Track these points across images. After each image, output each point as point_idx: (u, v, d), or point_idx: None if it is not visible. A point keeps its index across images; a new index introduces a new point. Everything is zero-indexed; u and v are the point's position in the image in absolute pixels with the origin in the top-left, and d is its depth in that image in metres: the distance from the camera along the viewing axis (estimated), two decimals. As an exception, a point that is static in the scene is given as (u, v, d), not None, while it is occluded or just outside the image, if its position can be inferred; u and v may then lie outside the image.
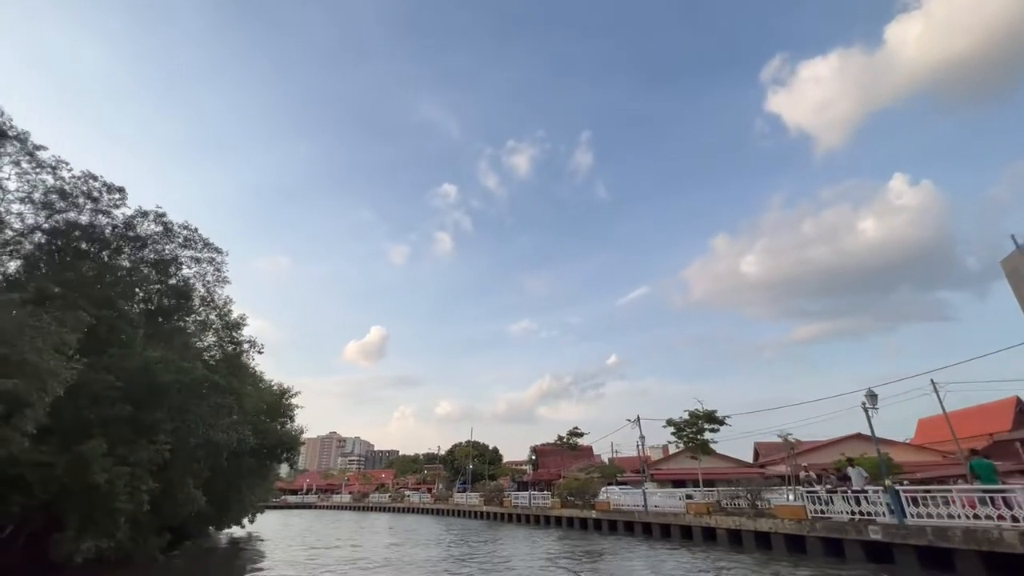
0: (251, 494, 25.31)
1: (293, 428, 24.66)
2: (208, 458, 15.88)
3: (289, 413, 24.21)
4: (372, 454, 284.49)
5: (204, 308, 23.92)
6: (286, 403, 24.47)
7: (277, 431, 22.87)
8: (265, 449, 22.14)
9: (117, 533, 12.95)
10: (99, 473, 11.80)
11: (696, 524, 23.93)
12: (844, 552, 16.99)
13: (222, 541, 27.96)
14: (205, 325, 26.77)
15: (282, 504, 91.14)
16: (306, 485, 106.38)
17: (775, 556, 19.07)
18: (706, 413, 26.64)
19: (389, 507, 70.74)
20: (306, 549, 24.25)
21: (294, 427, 24.79)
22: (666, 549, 22.16)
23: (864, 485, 17.51)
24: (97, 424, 12.66)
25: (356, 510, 75.57)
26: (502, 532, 33.69)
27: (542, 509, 37.90)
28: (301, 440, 24.47)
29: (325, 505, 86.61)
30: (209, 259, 20.16)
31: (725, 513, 23.10)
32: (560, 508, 35.92)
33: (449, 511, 55.75)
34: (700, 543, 23.30)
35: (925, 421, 61.46)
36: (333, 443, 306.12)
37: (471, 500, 52.21)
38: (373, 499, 78.07)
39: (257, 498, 32.04)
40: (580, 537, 29.39)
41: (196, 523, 22.14)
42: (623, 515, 29.63)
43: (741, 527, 21.27)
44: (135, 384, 13.60)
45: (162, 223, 19.65)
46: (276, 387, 26.18)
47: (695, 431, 26.82)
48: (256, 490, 27.08)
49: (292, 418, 24.57)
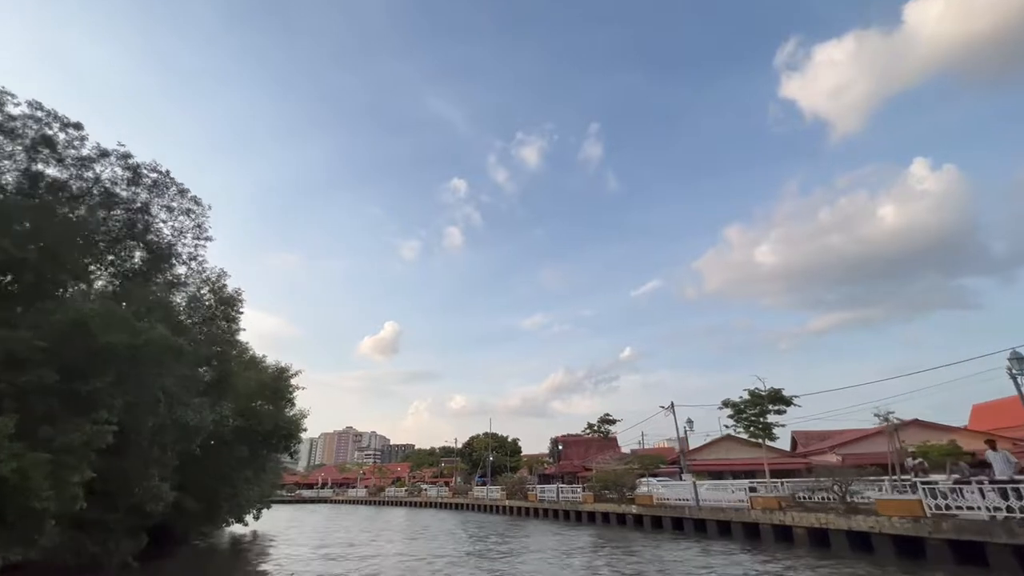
0: (249, 488, 22.24)
1: (295, 413, 21.42)
2: (178, 443, 12.68)
3: (288, 396, 20.91)
4: (388, 448, 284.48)
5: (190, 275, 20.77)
6: (285, 384, 21.17)
7: (273, 415, 19.57)
8: (260, 436, 18.94)
9: (40, 539, 9.75)
10: (4, 462, 8.56)
11: (765, 521, 20.15)
12: (987, 559, 13.14)
13: (222, 542, 24.99)
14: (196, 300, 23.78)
15: (297, 499, 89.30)
16: (321, 479, 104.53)
17: (880, 561, 15.27)
18: (771, 393, 22.68)
19: (405, 501, 67.96)
20: (312, 550, 21.12)
21: (295, 411, 21.57)
22: (733, 551, 18.47)
23: (1015, 473, 13.52)
24: (9, 396, 9.46)
25: (372, 504, 73.04)
26: (528, 529, 30.25)
27: (572, 503, 34.36)
28: (302, 426, 21.41)
29: (340, 499, 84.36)
30: (186, 210, 16.82)
31: (804, 509, 19.26)
32: (593, 502, 32.34)
33: (468, 505, 52.57)
34: (771, 544, 19.55)
35: (981, 407, 56.61)
36: (350, 437, 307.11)
37: (492, 494, 48.92)
38: (389, 493, 75.44)
39: (261, 493, 29.05)
40: (619, 536, 25.80)
41: (185, 523, 19.03)
42: (669, 510, 25.94)
43: (829, 525, 17.44)
44: (68, 346, 10.38)
45: (128, 166, 16.31)
46: (273, 367, 22.98)
47: (757, 413, 22.92)
48: (255, 483, 24.02)
49: (291, 401, 21.29)
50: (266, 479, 29.21)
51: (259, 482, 27.39)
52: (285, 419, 19.36)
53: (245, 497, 22.33)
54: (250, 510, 32.00)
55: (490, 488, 50.73)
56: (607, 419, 39.75)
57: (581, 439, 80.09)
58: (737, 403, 23.78)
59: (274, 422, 19.03)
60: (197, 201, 17.28)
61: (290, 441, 20.08)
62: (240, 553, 22.14)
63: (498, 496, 47.09)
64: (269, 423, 18.87)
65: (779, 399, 22.48)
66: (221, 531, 28.98)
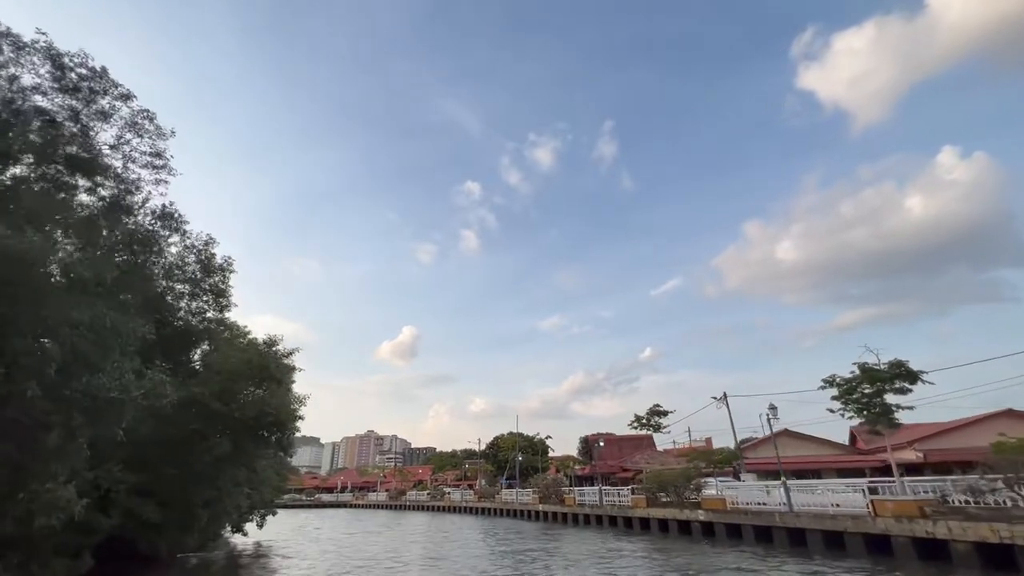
0: (238, 491, 18.24)
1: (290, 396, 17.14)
2: (94, 426, 8.63)
3: (277, 375, 16.62)
4: (409, 451, 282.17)
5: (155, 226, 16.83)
6: (273, 360, 16.90)
7: (258, 400, 15.32)
8: (243, 425, 14.77)
9: None
10: None
11: (900, 533, 15.20)
12: None
13: (213, 558, 20.98)
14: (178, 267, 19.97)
15: (316, 503, 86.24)
16: (340, 483, 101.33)
17: None
18: (893, 366, 17.61)
19: (428, 505, 63.86)
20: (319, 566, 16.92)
21: (290, 395, 17.28)
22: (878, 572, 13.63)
23: None
24: None
25: (392, 509, 69.18)
26: (572, 539, 25.63)
27: (621, 508, 29.60)
28: (297, 413, 17.24)
29: (360, 504, 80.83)
30: (130, 123, 12.72)
31: (965, 516, 14.23)
32: (646, 507, 27.55)
33: (496, 510, 48.11)
34: (912, 561, 14.65)
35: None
36: (371, 441, 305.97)
37: (523, 497, 44.34)
38: (410, 497, 71.48)
39: (260, 497, 25.04)
40: (689, 548, 21.03)
41: (153, 536, 14.93)
42: (751, 517, 21.06)
43: (1018, 540, 12.47)
44: None
45: (49, 55, 11.95)
46: (263, 340, 18.81)
47: (875, 392, 17.89)
48: (249, 486, 20.02)
49: (280, 382, 16.97)
50: (266, 480, 25.20)
51: (256, 484, 23.37)
52: (272, 403, 15.11)
53: (234, 502, 18.29)
54: (251, 517, 28.08)
55: (520, 491, 46.16)
56: (658, 410, 34.62)
57: (613, 437, 74.88)
58: (847, 380, 18.76)
59: (258, 408, 14.81)
60: (150, 116, 13.19)
61: (280, 432, 15.85)
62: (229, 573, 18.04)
63: (529, 500, 42.51)
64: (252, 409, 14.67)
65: (903, 374, 17.43)
66: (217, 542, 25.07)
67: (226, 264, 21.04)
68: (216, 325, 21.11)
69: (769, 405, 22.16)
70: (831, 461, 43.43)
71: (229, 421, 14.46)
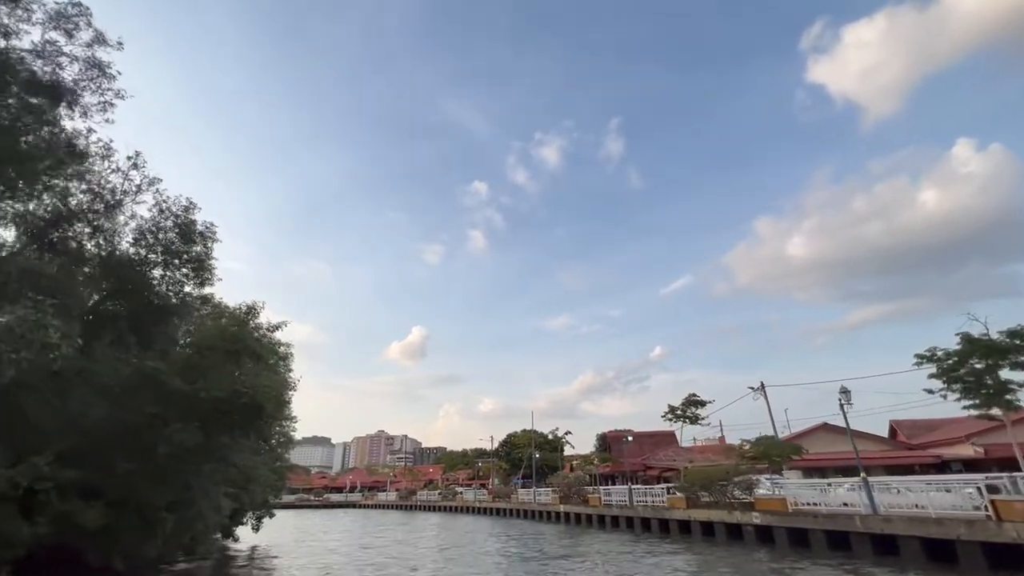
0: (215, 489, 15.39)
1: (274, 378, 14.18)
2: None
3: (255, 347, 13.57)
4: (420, 451, 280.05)
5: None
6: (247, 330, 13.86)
7: (233, 376, 12.36)
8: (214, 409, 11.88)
9: None
10: None
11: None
12: None
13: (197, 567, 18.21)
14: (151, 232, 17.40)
15: (324, 503, 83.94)
16: (350, 483, 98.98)
17: None
18: (1013, 336, 14.21)
19: (439, 506, 61.04)
20: None
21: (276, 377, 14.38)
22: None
23: None
24: None
25: (402, 509, 66.49)
26: (604, 543, 22.53)
27: (656, 509, 26.40)
28: (283, 396, 14.36)
29: (370, 504, 78.30)
30: (55, 19, 9.85)
31: None
32: (687, 507, 24.35)
33: (512, 511, 45.11)
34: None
35: None
36: (382, 441, 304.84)
37: (541, 497, 41.24)
38: (421, 497, 68.71)
39: (251, 498, 22.24)
40: (750, 556, 17.90)
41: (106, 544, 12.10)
42: (823, 520, 17.80)
43: None
44: None
45: None
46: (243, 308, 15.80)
47: (987, 367, 14.52)
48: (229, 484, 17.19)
49: (261, 356, 13.94)
50: (259, 479, 22.37)
51: (244, 483, 20.56)
52: (247, 382, 12.11)
53: (214, 504, 15.46)
54: (244, 520, 25.34)
55: (538, 490, 43.06)
56: (695, 399, 31.24)
57: (632, 434, 71.66)
58: (951, 354, 15.38)
59: (229, 386, 11.83)
60: (84, 12, 10.30)
61: (255, 416, 12.83)
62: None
63: (549, 500, 39.40)
64: (221, 387, 11.69)
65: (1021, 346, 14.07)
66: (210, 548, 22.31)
67: (208, 231, 18.27)
68: (196, 301, 18.34)
69: (841, 388, 18.83)
70: (879, 457, 39.74)
71: (195, 403, 11.61)
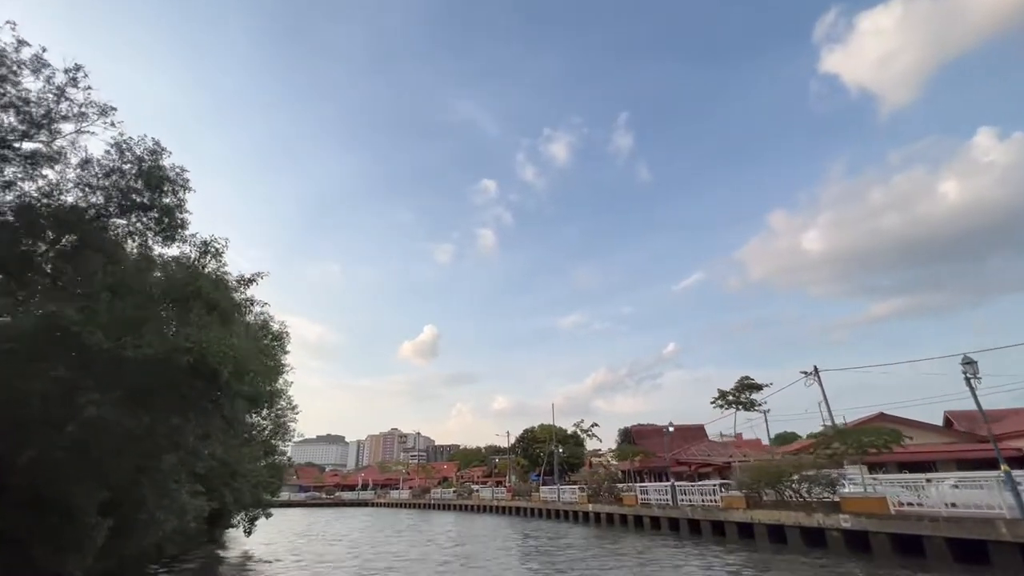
0: (181, 489, 12.15)
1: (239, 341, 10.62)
2: None
3: (214, 295, 10.06)
4: (433, 449, 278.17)
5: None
6: (202, 275, 10.31)
7: (176, 331, 9.01)
8: (150, 374, 8.50)
9: None
10: None
11: None
12: None
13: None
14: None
15: (336, 501, 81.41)
16: (362, 480, 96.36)
17: None
18: None
19: (454, 504, 57.82)
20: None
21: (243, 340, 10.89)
22: None
23: None
24: None
25: (416, 507, 63.43)
26: (657, 551, 18.87)
27: (707, 510, 22.70)
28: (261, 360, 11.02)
29: (382, 502, 75.45)
30: None
31: None
32: (747, 508, 20.63)
33: (534, 510, 41.63)
34: None
35: None
36: (395, 439, 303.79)
37: (566, 496, 37.67)
38: (435, 495, 65.59)
39: (237, 498, 19.00)
40: (840, 565, 14.21)
41: (16, 556, 8.82)
42: (946, 526, 13.98)
43: None
44: None
45: None
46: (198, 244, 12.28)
47: None
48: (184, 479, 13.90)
49: (217, 305, 10.36)
50: (248, 475, 19.15)
51: (229, 478, 17.34)
52: (194, 336, 8.65)
53: (176, 505, 12.18)
54: (236, 522, 22.18)
55: (562, 488, 39.49)
56: (749, 383, 27.27)
57: (657, 429, 67.54)
58: None
59: (169, 344, 8.38)
60: None
61: (210, 386, 9.35)
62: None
63: (576, 498, 35.82)
64: (158, 345, 8.29)
65: None
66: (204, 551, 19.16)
67: (178, 176, 14.98)
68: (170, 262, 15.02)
69: (963, 358, 14.85)
70: (947, 451, 35.46)
71: (123, 366, 8.32)
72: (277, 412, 24.53)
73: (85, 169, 14.15)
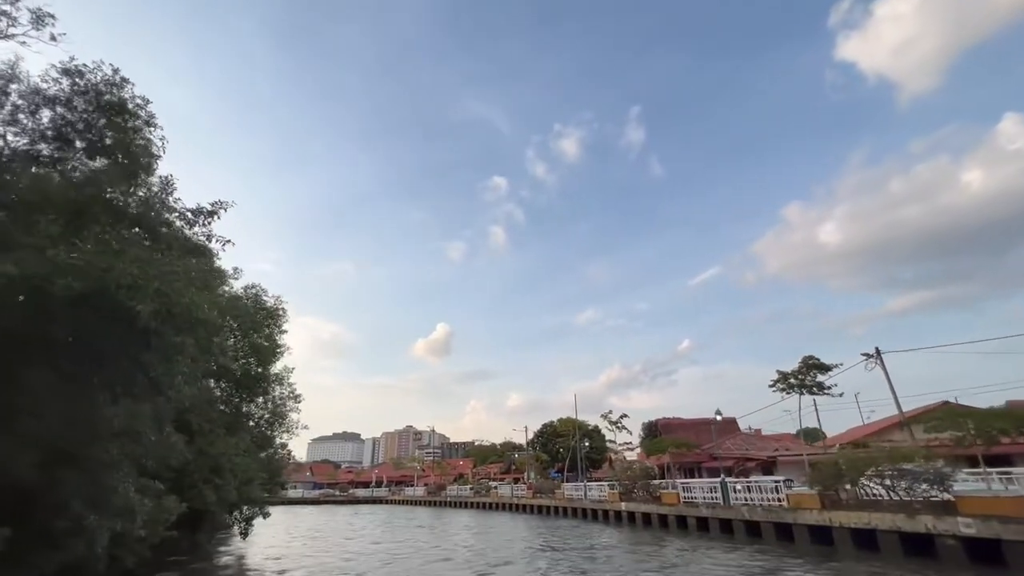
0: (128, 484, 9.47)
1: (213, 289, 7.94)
2: None
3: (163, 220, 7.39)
4: (448, 446, 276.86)
5: None
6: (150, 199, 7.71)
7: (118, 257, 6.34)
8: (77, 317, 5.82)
9: None
10: None
11: None
12: None
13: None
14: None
15: (350, 499, 79.36)
16: (376, 477, 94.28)
17: None
18: None
19: (472, 502, 55.09)
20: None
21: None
22: None
23: None
24: None
25: (431, 505, 60.86)
26: (734, 560, 15.65)
27: (769, 510, 19.43)
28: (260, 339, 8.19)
29: (396, 500, 73.09)
30: None
31: None
32: (822, 508, 17.32)
33: (558, 509, 38.64)
34: None
35: None
36: (410, 436, 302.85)
37: (594, 493, 34.57)
38: (451, 492, 62.98)
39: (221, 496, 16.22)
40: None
41: None
42: None
43: None
44: None
45: None
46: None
47: None
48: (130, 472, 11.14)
49: (174, 241, 7.64)
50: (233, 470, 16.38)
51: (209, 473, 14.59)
52: (93, 261, 6.01)
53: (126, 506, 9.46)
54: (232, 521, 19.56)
55: (589, 485, 36.38)
56: (814, 362, 23.73)
57: (685, 423, 63.89)
58: None
59: (102, 276, 5.68)
60: None
61: (123, 329, 6.60)
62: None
63: (605, 496, 32.70)
64: (88, 275, 5.58)
65: None
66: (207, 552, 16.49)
67: (140, 108, 12.23)
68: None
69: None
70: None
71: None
72: (275, 400, 21.85)
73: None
